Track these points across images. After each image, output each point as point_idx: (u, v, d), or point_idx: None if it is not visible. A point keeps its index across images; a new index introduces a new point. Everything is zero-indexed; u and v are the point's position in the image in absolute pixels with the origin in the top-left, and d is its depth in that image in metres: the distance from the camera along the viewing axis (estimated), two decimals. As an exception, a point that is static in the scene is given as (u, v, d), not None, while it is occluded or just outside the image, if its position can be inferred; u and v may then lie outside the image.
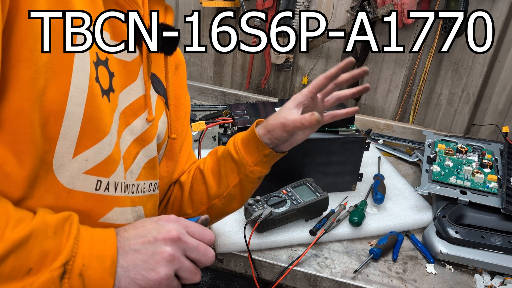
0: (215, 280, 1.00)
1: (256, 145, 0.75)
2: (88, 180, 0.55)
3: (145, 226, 0.57)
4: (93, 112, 0.53)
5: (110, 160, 0.57)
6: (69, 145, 0.52)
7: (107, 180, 0.57)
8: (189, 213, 0.82)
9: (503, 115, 1.43)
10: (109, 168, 0.57)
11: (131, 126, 0.63)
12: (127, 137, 0.63)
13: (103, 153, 0.56)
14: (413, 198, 1.11)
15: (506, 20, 1.32)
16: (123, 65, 0.60)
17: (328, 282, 0.89)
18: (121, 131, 0.61)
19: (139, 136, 0.64)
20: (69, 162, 0.53)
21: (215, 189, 0.79)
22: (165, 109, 0.71)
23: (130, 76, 0.62)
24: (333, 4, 1.42)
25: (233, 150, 0.76)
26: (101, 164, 0.56)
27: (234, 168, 0.77)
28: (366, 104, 1.55)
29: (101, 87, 0.55)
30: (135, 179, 0.65)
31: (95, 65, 0.54)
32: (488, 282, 0.91)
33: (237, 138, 0.78)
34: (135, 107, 0.63)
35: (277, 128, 0.72)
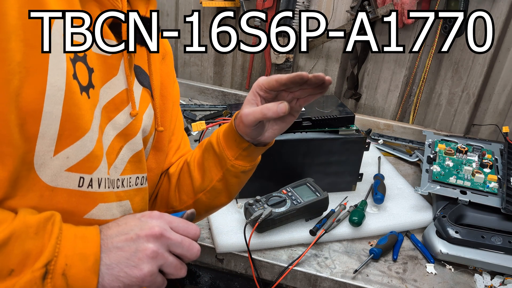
0: (215, 280, 1.00)
1: (234, 137, 0.71)
2: (70, 177, 0.55)
3: (128, 223, 0.57)
4: (72, 110, 0.52)
5: (92, 157, 0.56)
6: (49, 143, 0.52)
7: (90, 176, 0.57)
8: (175, 206, 0.81)
9: (503, 115, 1.43)
10: (91, 165, 0.57)
11: (113, 121, 0.62)
12: (109, 132, 0.62)
13: (85, 150, 0.55)
14: (413, 198, 1.11)
15: (506, 20, 1.32)
16: (103, 60, 0.58)
17: (328, 282, 0.89)
18: (104, 126, 0.60)
19: (122, 131, 0.63)
20: (50, 160, 0.52)
21: (199, 183, 0.77)
22: (151, 101, 0.70)
23: (111, 70, 0.60)
24: (333, 4, 1.42)
25: (215, 142, 0.74)
26: (83, 161, 0.55)
27: (216, 161, 0.74)
28: (366, 104, 1.55)
29: (80, 84, 0.54)
30: (120, 173, 0.65)
31: (73, 61, 0.53)
32: (488, 282, 0.91)
33: (220, 130, 0.75)
34: (117, 102, 0.62)
35: (240, 123, 0.69)
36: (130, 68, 0.64)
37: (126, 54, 0.62)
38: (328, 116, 1.05)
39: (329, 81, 0.63)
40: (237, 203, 1.03)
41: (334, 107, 1.09)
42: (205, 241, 0.94)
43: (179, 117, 0.84)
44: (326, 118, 1.04)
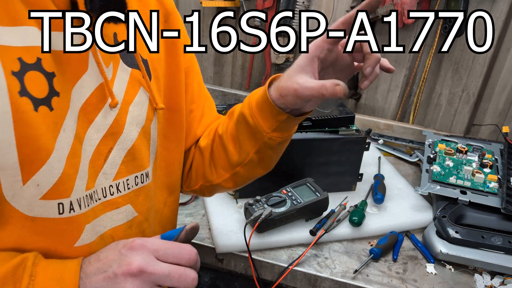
0: (215, 280, 1.00)
1: (270, 109, 0.64)
2: (48, 206, 0.50)
3: (108, 257, 0.52)
4: (27, 132, 0.47)
5: (64, 178, 0.51)
6: (13, 173, 0.47)
7: (69, 200, 0.52)
8: (212, 180, 0.76)
9: (503, 115, 1.43)
10: (66, 187, 0.51)
11: (95, 122, 0.56)
12: (93, 136, 0.56)
13: (54, 173, 0.50)
14: (413, 198, 1.11)
15: (506, 20, 1.32)
16: (65, 59, 0.51)
17: (328, 282, 0.89)
18: (84, 132, 0.54)
19: (108, 131, 0.57)
20: (21, 189, 0.48)
21: (236, 157, 0.71)
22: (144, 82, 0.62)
23: (79, 66, 0.53)
24: (333, 4, 1.42)
25: (248, 114, 0.66)
26: (56, 186, 0.50)
27: (251, 134, 0.68)
28: (366, 104, 1.55)
29: (33, 98, 0.47)
30: (113, 179, 0.59)
31: (19, 75, 0.46)
32: (488, 282, 0.91)
33: (252, 99, 0.67)
34: (94, 101, 0.55)
35: (289, 94, 0.61)
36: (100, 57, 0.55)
37: (94, 49, 0.54)
38: (328, 116, 1.05)
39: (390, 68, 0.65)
40: (237, 203, 1.03)
41: (334, 107, 1.09)
42: (205, 241, 0.94)
43: (198, 83, 0.76)
44: (326, 118, 1.04)
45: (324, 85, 0.58)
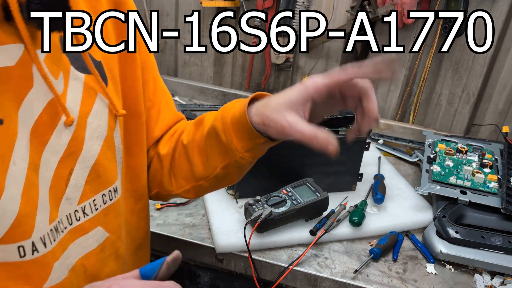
0: (215, 280, 1.00)
1: (247, 131, 0.60)
2: (6, 250, 0.45)
3: None
4: None
5: (22, 219, 0.45)
6: None
7: (30, 240, 0.46)
8: (171, 190, 0.72)
9: (503, 115, 1.43)
10: (25, 228, 0.46)
11: (50, 144, 0.49)
12: (49, 160, 0.50)
13: (7, 215, 0.44)
14: (413, 198, 1.11)
15: (506, 20, 1.32)
16: (6, 75, 0.44)
17: (328, 282, 0.89)
18: (39, 157, 0.48)
19: (66, 150, 0.51)
20: None
21: (201, 170, 0.67)
22: (100, 88, 0.56)
23: (23, 83, 0.46)
24: (333, 4, 1.42)
25: (221, 129, 0.62)
26: (12, 228, 0.44)
27: (222, 151, 0.64)
28: (366, 104, 1.55)
29: None
30: (77, 202, 0.54)
31: None
32: (488, 282, 0.91)
33: (226, 113, 0.62)
34: (45, 119, 0.48)
35: (274, 127, 0.57)
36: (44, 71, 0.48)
37: (34, 54, 0.46)
38: (328, 116, 1.04)
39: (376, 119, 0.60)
40: (237, 203, 1.03)
41: (334, 107, 1.09)
42: (205, 241, 0.94)
43: (154, 78, 0.70)
44: (326, 118, 1.04)
45: (316, 137, 0.55)
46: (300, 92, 0.57)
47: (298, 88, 0.57)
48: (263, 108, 0.58)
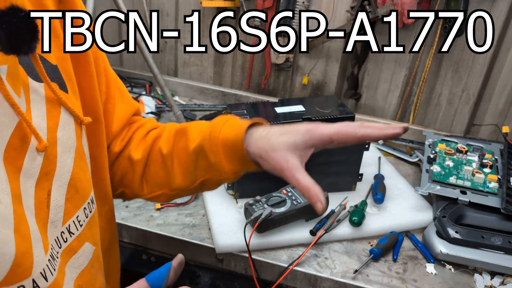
0: (215, 280, 1.00)
1: (240, 158, 0.60)
2: None
3: None
4: None
5: (21, 259, 0.42)
6: None
7: (31, 278, 0.44)
8: (140, 195, 0.70)
9: (503, 115, 1.43)
10: (25, 268, 0.43)
11: (24, 168, 0.45)
12: (27, 185, 0.46)
13: (7, 258, 0.41)
14: (413, 198, 1.11)
15: (506, 20, 1.32)
16: None
17: (328, 282, 0.89)
18: (18, 185, 0.44)
19: (41, 173, 0.48)
20: None
21: (179, 181, 0.66)
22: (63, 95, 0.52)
23: None
24: (333, 4, 1.42)
25: (209, 149, 0.61)
26: (11, 271, 0.42)
27: (207, 168, 0.63)
28: (366, 104, 1.55)
29: None
30: (62, 223, 0.51)
31: None
32: (488, 282, 0.91)
33: (216, 134, 0.61)
34: (16, 143, 0.44)
35: (273, 165, 0.59)
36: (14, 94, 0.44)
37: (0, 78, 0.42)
38: (328, 116, 1.05)
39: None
40: (237, 203, 1.03)
41: (334, 107, 1.09)
42: (205, 241, 0.94)
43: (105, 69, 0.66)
44: (326, 118, 1.04)
45: (309, 191, 0.58)
46: (304, 138, 0.59)
47: (302, 132, 0.59)
48: (263, 142, 0.59)
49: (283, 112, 1.05)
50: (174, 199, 0.72)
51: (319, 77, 1.55)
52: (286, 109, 1.06)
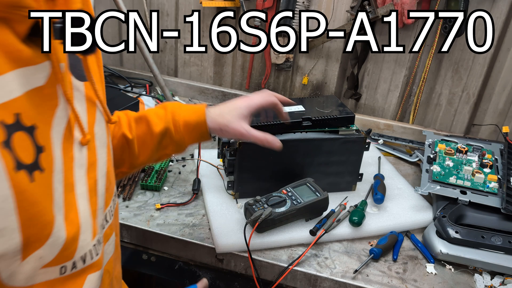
0: (215, 280, 1.00)
1: (201, 134, 0.78)
2: (49, 272, 0.47)
3: None
4: (30, 212, 0.42)
5: (68, 244, 0.47)
6: (12, 256, 0.42)
7: (72, 261, 0.49)
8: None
9: (503, 115, 1.43)
10: (70, 251, 0.48)
11: (76, 159, 0.50)
12: (80, 174, 0.51)
13: (58, 243, 0.46)
14: (413, 198, 1.11)
15: (506, 20, 1.32)
16: (39, 97, 0.45)
17: (328, 282, 0.89)
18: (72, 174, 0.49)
19: (88, 163, 0.53)
20: (19, 266, 0.44)
21: (141, 160, 0.79)
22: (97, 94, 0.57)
23: (52, 103, 0.47)
24: (333, 4, 1.42)
25: (174, 131, 0.77)
26: (60, 253, 0.47)
27: (169, 145, 0.79)
28: (366, 104, 1.55)
29: (27, 167, 0.41)
30: (103, 211, 0.56)
31: (7, 144, 0.39)
32: (488, 282, 0.91)
33: (178, 118, 0.77)
34: (67, 135, 0.49)
35: (233, 134, 0.79)
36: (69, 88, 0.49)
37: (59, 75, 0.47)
38: (328, 116, 1.05)
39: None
40: (237, 203, 1.03)
41: (334, 107, 1.09)
42: (205, 241, 0.94)
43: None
44: (326, 118, 1.04)
45: (267, 139, 0.80)
46: (248, 107, 0.81)
47: (244, 103, 0.81)
48: (221, 119, 0.78)
49: (283, 112, 1.05)
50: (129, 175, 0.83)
51: (319, 77, 1.55)
52: (286, 109, 1.06)
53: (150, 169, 1.12)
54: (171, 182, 1.13)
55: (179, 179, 1.14)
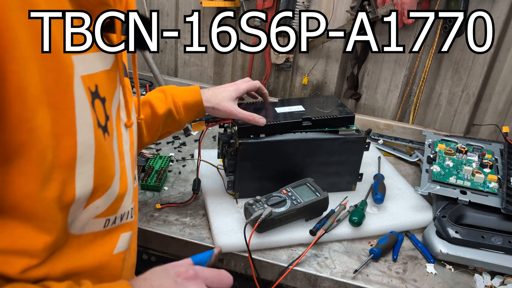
0: (215, 280, 1.00)
1: (198, 112, 0.93)
2: (97, 223, 0.55)
3: (163, 285, 0.54)
4: (102, 163, 0.51)
5: (117, 199, 0.56)
6: (81, 202, 0.50)
7: (115, 216, 0.58)
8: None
9: (503, 115, 1.43)
10: (116, 206, 0.57)
11: (123, 136, 0.60)
12: (126, 149, 0.60)
13: (112, 195, 0.55)
14: (413, 198, 1.11)
15: (506, 20, 1.32)
16: (107, 77, 0.54)
17: (328, 282, 0.89)
18: (122, 146, 0.59)
19: (129, 142, 0.63)
20: (80, 214, 0.51)
21: (148, 140, 0.93)
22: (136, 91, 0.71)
23: (113, 85, 0.57)
24: (333, 4, 1.42)
25: (175, 111, 0.91)
26: (110, 206, 0.55)
27: (171, 123, 0.92)
28: (366, 104, 1.55)
29: (102, 127, 0.51)
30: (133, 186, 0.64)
31: (93, 106, 0.49)
32: (488, 282, 0.91)
33: (177, 100, 0.90)
34: (117, 114, 0.59)
35: (224, 111, 0.92)
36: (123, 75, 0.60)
37: (121, 63, 0.58)
38: (328, 116, 1.05)
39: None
40: (237, 203, 1.03)
41: (334, 107, 1.09)
42: (205, 241, 0.94)
43: None
44: (326, 118, 1.04)
45: (253, 117, 0.94)
46: (236, 91, 0.95)
47: (233, 88, 0.96)
48: (213, 99, 0.93)
49: (283, 112, 1.05)
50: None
51: (319, 77, 1.55)
52: (286, 109, 1.06)
53: (150, 169, 1.12)
54: (171, 182, 1.13)
55: (179, 179, 1.14)
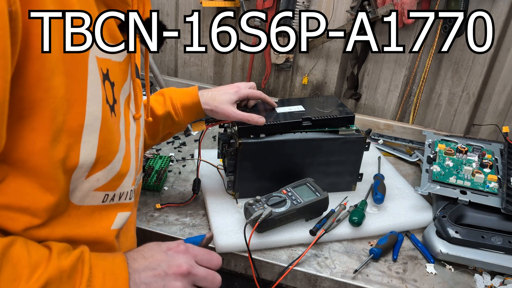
0: (215, 280, 1.00)
1: (197, 113, 0.94)
2: (96, 196, 0.58)
3: (154, 256, 0.58)
4: (107, 136, 0.54)
5: (118, 176, 0.59)
6: (84, 171, 0.53)
7: (114, 192, 0.61)
8: None
9: (503, 115, 1.43)
10: (116, 183, 0.60)
11: (131, 125, 0.64)
12: (132, 137, 0.65)
13: (113, 171, 0.58)
14: (413, 198, 1.11)
15: (506, 20, 1.32)
16: (118, 68, 0.60)
17: (328, 282, 0.89)
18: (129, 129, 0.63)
19: (136, 133, 0.66)
20: (81, 183, 0.54)
21: (149, 142, 0.95)
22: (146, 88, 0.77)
23: (124, 76, 0.62)
24: (333, 4, 1.42)
25: (174, 113, 0.92)
26: (110, 181, 0.58)
27: (171, 125, 0.94)
28: (366, 104, 1.55)
29: (110, 105, 0.56)
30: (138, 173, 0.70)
31: (103, 82, 0.54)
32: (488, 282, 0.91)
33: (176, 102, 0.91)
34: (126, 104, 0.64)
35: (222, 114, 0.93)
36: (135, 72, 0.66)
37: (133, 59, 0.63)
38: (328, 116, 1.05)
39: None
40: (237, 203, 1.03)
41: (334, 107, 1.09)
42: (205, 241, 0.94)
43: None
44: (326, 118, 1.04)
45: (252, 118, 0.94)
46: (236, 94, 0.95)
47: (233, 91, 0.95)
48: (212, 101, 0.93)
49: (283, 112, 1.05)
50: None
51: (319, 77, 1.55)
52: (286, 109, 1.06)
53: (150, 169, 1.12)
54: (171, 182, 1.13)
55: (179, 179, 1.14)
